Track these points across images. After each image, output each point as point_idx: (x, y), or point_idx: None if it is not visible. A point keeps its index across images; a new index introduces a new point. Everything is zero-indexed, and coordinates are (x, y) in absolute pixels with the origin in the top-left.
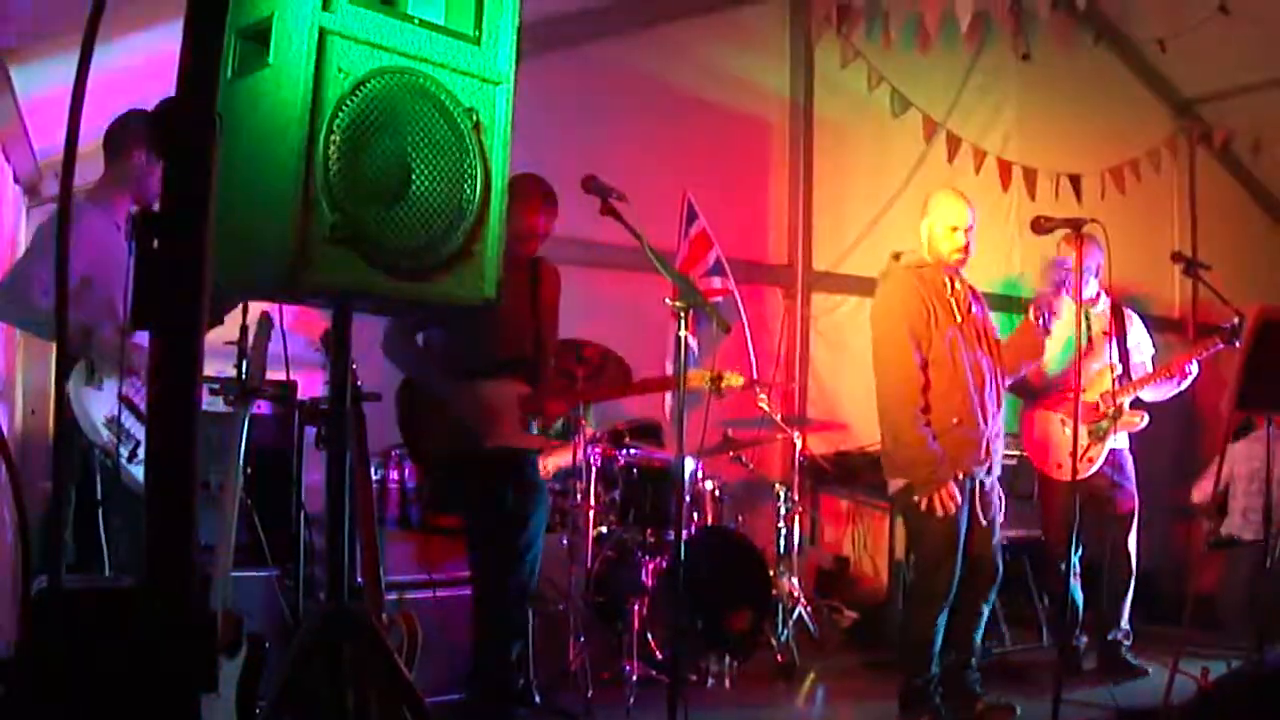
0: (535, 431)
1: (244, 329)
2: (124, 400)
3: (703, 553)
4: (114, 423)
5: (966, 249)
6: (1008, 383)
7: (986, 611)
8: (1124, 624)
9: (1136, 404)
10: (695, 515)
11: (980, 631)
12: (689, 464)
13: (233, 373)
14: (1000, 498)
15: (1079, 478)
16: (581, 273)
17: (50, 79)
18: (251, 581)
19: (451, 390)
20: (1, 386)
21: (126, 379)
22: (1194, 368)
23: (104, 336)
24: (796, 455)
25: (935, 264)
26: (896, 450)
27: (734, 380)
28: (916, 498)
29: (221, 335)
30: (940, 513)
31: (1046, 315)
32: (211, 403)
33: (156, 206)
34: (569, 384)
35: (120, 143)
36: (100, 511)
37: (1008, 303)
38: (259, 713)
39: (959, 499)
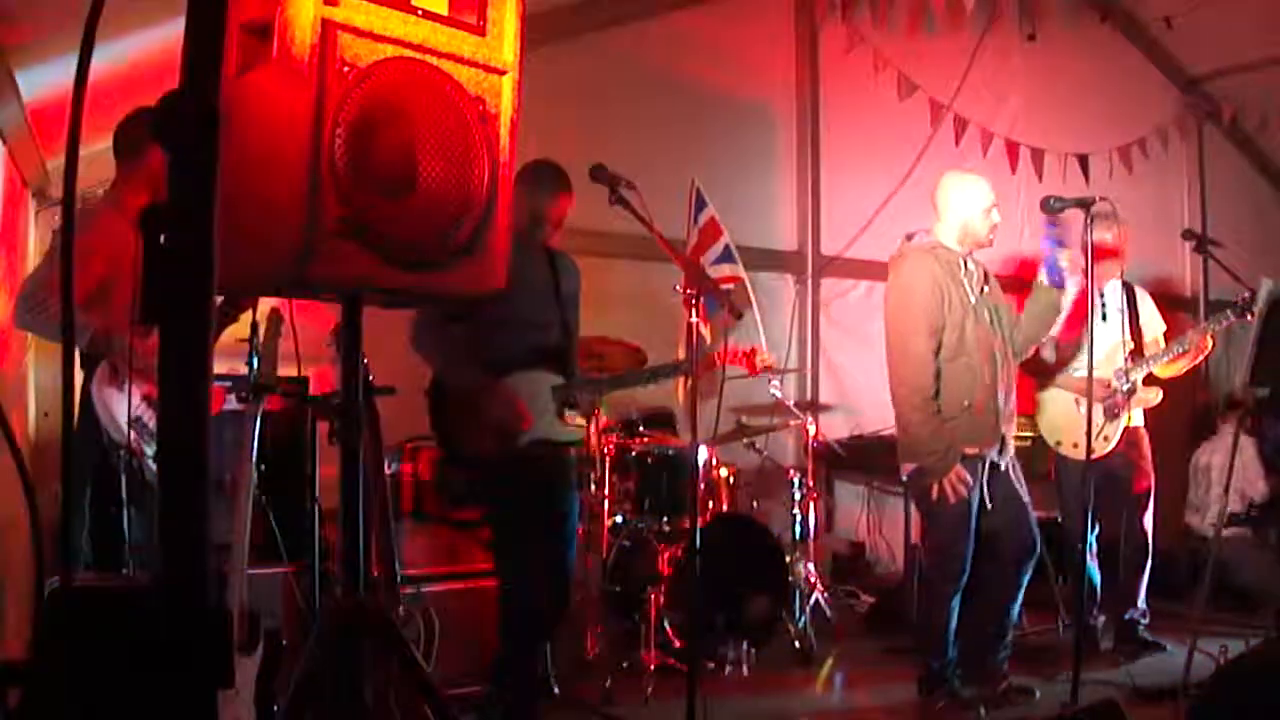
0: (572, 420)
1: (254, 326)
2: (148, 399)
3: (718, 540)
4: (137, 422)
5: (996, 226)
6: (1022, 359)
7: (1023, 585)
8: (1141, 603)
9: (1150, 381)
10: (710, 503)
11: (1017, 605)
12: (703, 452)
13: (244, 370)
14: (1019, 474)
15: (1094, 457)
16: (592, 262)
17: (56, 80)
18: (267, 578)
19: (483, 385)
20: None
21: (149, 380)
22: (1208, 343)
23: (125, 338)
24: (810, 441)
25: (951, 246)
26: (908, 435)
27: (767, 358)
28: (928, 482)
29: (233, 333)
30: (952, 498)
31: (1056, 275)
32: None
33: None
34: (599, 373)
35: (131, 142)
36: (125, 512)
37: (1017, 284)
38: (277, 709)
39: (969, 482)
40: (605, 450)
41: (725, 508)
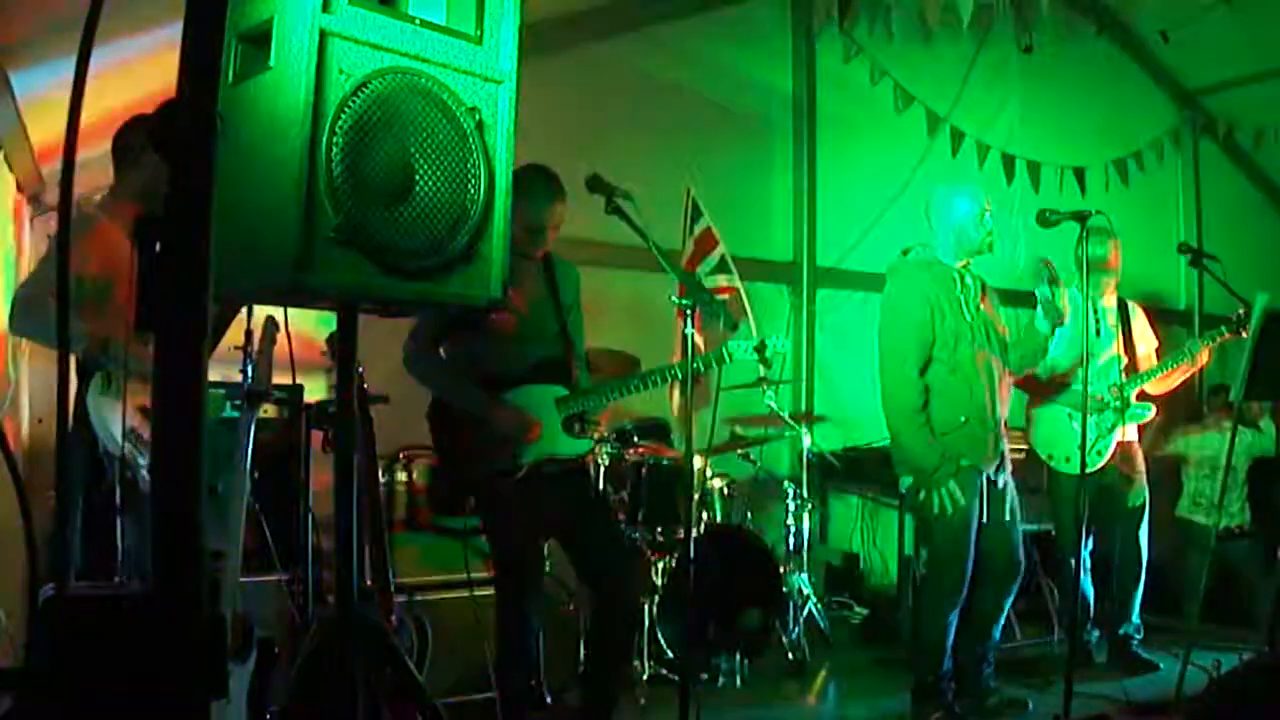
0: (581, 435)
1: (249, 333)
2: (142, 410)
3: (712, 551)
4: (133, 433)
5: (992, 232)
6: (1013, 379)
7: (1007, 606)
8: (1135, 617)
9: (1142, 397)
10: (704, 514)
11: (999, 626)
12: (697, 462)
13: (239, 377)
14: (1014, 493)
15: (1088, 471)
16: (587, 272)
17: (53, 84)
18: (260, 586)
19: (485, 403)
20: (10, 395)
21: (145, 390)
22: (1204, 357)
23: (120, 346)
24: (804, 452)
25: (947, 260)
26: (900, 447)
27: (780, 347)
28: (924, 495)
29: (228, 340)
30: (938, 511)
31: (1054, 314)
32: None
33: None
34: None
35: (128, 150)
36: (119, 521)
37: (1014, 297)
38: (269, 718)
39: (960, 498)
40: (599, 460)
41: (719, 519)
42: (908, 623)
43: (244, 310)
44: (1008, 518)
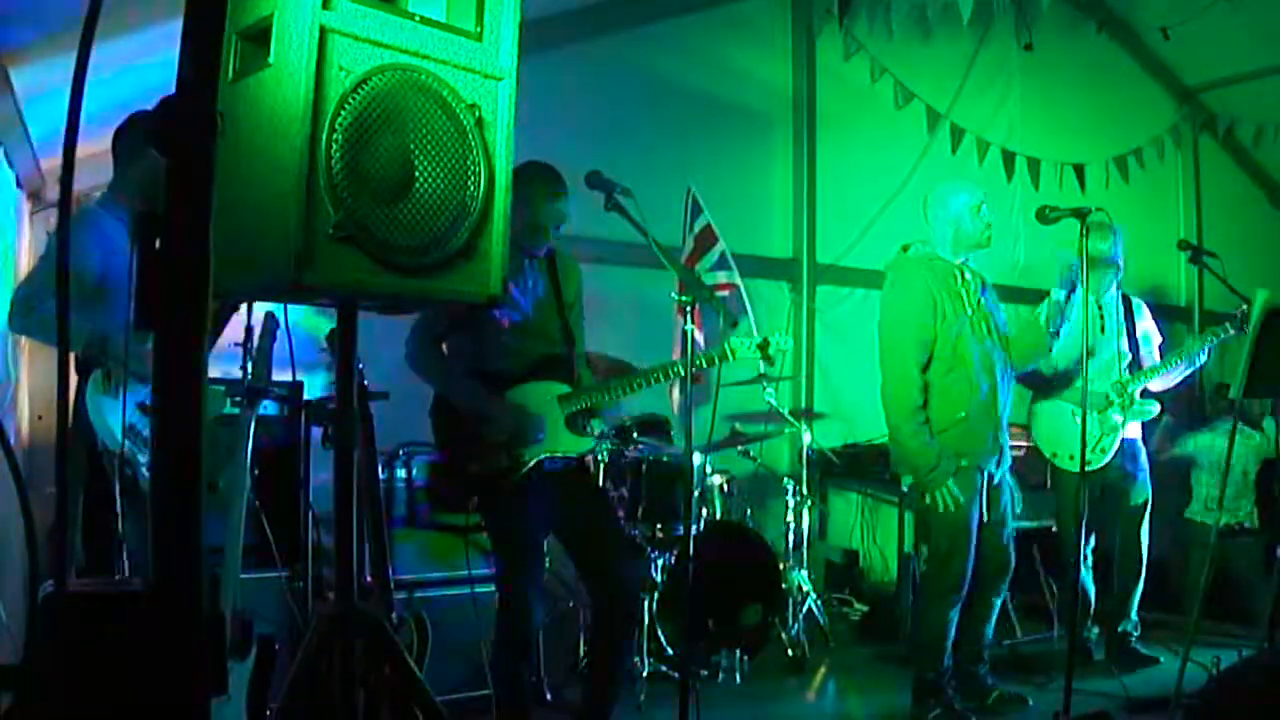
0: (584, 432)
1: (249, 330)
2: (142, 408)
3: (712, 548)
4: (132, 430)
5: (990, 225)
6: (1016, 374)
7: (998, 604)
8: (1134, 614)
9: (1146, 394)
10: (704, 510)
11: (991, 624)
12: (697, 458)
13: (239, 374)
14: (1012, 490)
15: (1092, 468)
16: (587, 269)
17: (53, 81)
18: (260, 583)
19: (488, 401)
20: (10, 394)
21: (144, 386)
22: (1204, 355)
23: (119, 343)
24: (804, 449)
25: (946, 256)
26: (899, 445)
27: (783, 345)
28: (922, 492)
29: (227, 336)
30: (941, 509)
31: (1059, 320)
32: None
33: None
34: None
35: (129, 146)
36: (120, 519)
37: (1014, 294)
38: (270, 714)
39: (959, 496)
40: (599, 457)
41: (719, 515)
42: (907, 619)
43: (243, 306)
44: (999, 517)
